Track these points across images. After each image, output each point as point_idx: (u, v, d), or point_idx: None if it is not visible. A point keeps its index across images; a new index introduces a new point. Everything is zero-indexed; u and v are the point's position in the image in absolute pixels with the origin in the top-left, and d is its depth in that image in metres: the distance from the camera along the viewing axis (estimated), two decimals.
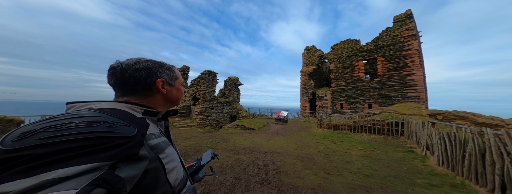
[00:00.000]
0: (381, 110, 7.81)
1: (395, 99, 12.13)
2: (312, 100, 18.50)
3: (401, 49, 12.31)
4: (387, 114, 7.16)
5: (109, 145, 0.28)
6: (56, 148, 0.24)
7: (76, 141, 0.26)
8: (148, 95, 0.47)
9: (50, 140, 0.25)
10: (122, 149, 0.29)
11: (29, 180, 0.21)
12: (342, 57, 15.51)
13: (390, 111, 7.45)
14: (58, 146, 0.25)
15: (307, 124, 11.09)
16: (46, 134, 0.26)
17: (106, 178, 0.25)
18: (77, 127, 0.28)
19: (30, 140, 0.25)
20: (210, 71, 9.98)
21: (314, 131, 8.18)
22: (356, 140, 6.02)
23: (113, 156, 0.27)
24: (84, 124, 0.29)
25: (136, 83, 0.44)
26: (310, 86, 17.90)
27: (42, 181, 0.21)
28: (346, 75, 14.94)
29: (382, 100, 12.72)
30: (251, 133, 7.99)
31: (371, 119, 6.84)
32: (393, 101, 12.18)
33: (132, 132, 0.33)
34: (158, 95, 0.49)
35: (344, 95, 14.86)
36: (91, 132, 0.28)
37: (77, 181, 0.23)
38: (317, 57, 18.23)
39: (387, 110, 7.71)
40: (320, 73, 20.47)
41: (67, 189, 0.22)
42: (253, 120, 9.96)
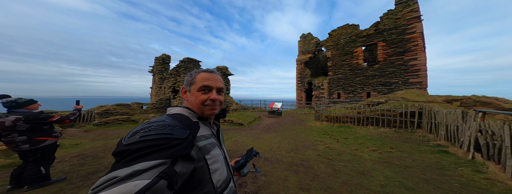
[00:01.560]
0: (387, 98, 6.56)
1: (395, 86, 10.97)
2: (308, 90, 17.22)
3: (403, 33, 10.79)
4: (396, 102, 5.92)
5: (170, 145, 0.35)
6: (143, 145, 0.34)
7: (152, 140, 0.34)
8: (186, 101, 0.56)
9: (142, 138, 0.35)
10: (178, 149, 0.35)
11: (127, 169, 0.30)
12: (340, 44, 13.86)
13: (398, 98, 6.21)
14: (145, 143, 0.34)
15: (303, 116, 9.90)
16: (141, 133, 0.36)
17: (168, 171, 0.32)
18: (154, 129, 0.37)
19: (134, 137, 0.35)
20: (190, 59, 8.23)
21: (311, 125, 6.96)
22: (363, 136, 4.82)
23: (172, 154, 0.34)
24: (157, 126, 0.38)
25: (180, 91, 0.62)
26: (306, 76, 16.45)
27: (133, 171, 0.29)
28: (344, 63, 13.48)
29: (382, 88, 11.56)
30: (239, 129, 6.68)
31: (378, 108, 5.59)
32: (393, 88, 11.03)
33: (185, 134, 0.39)
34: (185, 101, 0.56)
35: (341, 84, 13.60)
36: (160, 133, 0.36)
37: (151, 173, 0.30)
38: (314, 45, 16.47)
39: (394, 97, 6.47)
40: (317, 62, 18.89)
41: (146, 179, 0.29)
42: (243, 113, 8.64)
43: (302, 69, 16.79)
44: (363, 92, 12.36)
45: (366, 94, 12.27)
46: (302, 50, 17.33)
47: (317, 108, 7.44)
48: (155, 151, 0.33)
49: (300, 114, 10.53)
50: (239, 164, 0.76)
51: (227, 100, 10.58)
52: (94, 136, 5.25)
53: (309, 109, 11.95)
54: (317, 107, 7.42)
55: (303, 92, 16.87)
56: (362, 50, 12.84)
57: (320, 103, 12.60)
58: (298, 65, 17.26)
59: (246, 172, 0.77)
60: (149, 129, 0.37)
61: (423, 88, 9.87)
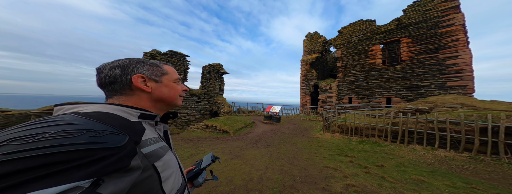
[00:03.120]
0: (433, 104, 4.44)
1: (426, 90, 8.57)
2: (314, 93, 15.11)
3: (436, 26, 8.57)
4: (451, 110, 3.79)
5: (91, 159, 0.22)
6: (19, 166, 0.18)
7: (47, 156, 0.20)
8: (130, 96, 0.38)
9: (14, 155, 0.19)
10: (108, 163, 0.23)
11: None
12: (352, 42, 11.84)
13: (454, 105, 4.07)
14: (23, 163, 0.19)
15: (308, 123, 7.89)
16: (9, 148, 0.20)
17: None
18: (51, 139, 0.22)
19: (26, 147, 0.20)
20: (174, 52, 6.84)
21: (318, 136, 5.01)
22: (411, 163, 2.82)
23: (96, 171, 0.22)
24: (61, 134, 0.23)
25: (112, 82, 0.37)
26: (311, 78, 14.45)
27: None
28: (357, 63, 11.35)
29: (407, 92, 9.19)
30: (220, 139, 4.96)
31: (432, 119, 3.51)
32: (423, 93, 8.64)
33: (122, 140, 0.27)
34: (143, 94, 0.39)
35: (353, 88, 11.37)
36: (69, 144, 0.22)
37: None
38: (321, 44, 14.58)
39: (446, 103, 4.32)
40: (324, 63, 16.84)
41: None
42: (232, 118, 6.93)
43: (307, 70, 14.85)
44: (381, 97, 10.03)
45: (385, 100, 9.92)
46: (308, 50, 15.48)
47: (326, 114, 5.48)
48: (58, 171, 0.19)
49: (303, 121, 8.54)
50: (192, 174, 0.63)
51: (219, 101, 9.00)
52: None
53: (314, 115, 9.91)
54: (325, 113, 5.46)
55: (308, 96, 14.77)
56: (380, 49, 10.68)
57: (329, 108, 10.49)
58: (303, 66, 15.35)
59: (201, 181, 0.62)
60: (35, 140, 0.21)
61: (468, 93, 7.41)
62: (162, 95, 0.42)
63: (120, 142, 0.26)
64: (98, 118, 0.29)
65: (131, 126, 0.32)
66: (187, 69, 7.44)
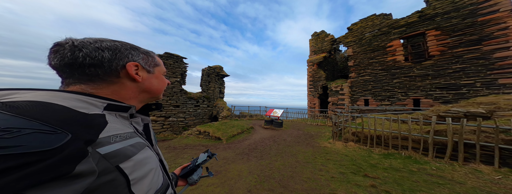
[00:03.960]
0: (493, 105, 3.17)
1: (469, 90, 6.82)
2: (323, 96, 13.75)
3: (474, 15, 7.02)
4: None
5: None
6: None
7: None
8: (113, 83, 0.33)
9: None
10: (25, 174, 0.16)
11: None
12: (365, 39, 10.55)
13: None
14: None
15: (315, 128, 6.79)
16: None
17: None
18: None
19: None
20: (170, 54, 6.68)
21: (326, 146, 4.01)
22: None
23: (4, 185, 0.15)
24: None
25: (95, 66, 0.30)
26: (320, 79, 13.23)
27: None
28: (373, 61, 9.94)
29: (441, 92, 7.48)
30: (210, 147, 4.32)
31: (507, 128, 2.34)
32: (464, 93, 6.88)
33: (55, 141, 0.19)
34: (129, 84, 0.34)
35: (369, 88, 9.87)
36: None
37: None
38: (329, 43, 13.48)
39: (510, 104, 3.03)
40: (333, 64, 15.48)
41: None
42: (229, 123, 6.28)
43: (314, 71, 13.71)
44: (406, 98, 8.37)
45: (412, 102, 8.23)
46: (315, 50, 14.44)
47: (337, 118, 4.46)
48: None
49: (310, 126, 7.43)
50: (186, 170, 0.59)
51: (218, 105, 8.53)
52: None
53: (323, 119, 8.68)
54: (336, 117, 4.44)
55: (317, 99, 13.46)
56: (400, 44, 9.20)
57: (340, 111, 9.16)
58: (310, 66, 14.27)
59: (196, 178, 0.58)
60: None
61: None
62: (151, 87, 0.37)
63: (51, 143, 0.19)
64: (26, 110, 0.20)
65: (83, 120, 0.24)
66: (184, 72, 7.23)
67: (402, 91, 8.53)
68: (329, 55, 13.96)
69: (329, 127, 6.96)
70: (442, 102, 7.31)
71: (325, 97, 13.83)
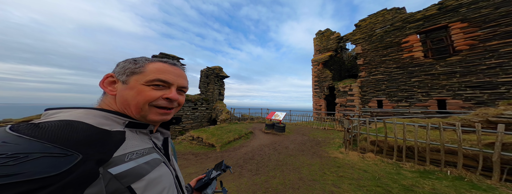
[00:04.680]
0: None
1: (509, 88, 5.68)
2: (329, 97, 12.81)
3: (509, 2, 5.97)
4: None
5: None
6: None
7: None
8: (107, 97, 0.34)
9: None
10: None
11: None
12: (376, 35, 9.62)
13: None
14: None
15: (322, 133, 6.03)
16: None
17: None
18: None
19: None
20: (165, 54, 6.36)
21: (337, 157, 3.31)
22: None
23: None
24: None
25: None
26: (326, 79, 12.34)
27: None
28: (386, 59, 8.96)
29: (473, 92, 6.36)
30: (201, 155, 3.82)
31: None
32: (503, 93, 5.76)
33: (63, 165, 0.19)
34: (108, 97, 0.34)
35: (383, 88, 8.85)
36: None
37: None
38: (334, 41, 12.62)
39: None
40: (340, 63, 14.50)
41: None
42: (225, 127, 5.76)
43: (320, 71, 12.86)
44: (429, 99, 7.28)
45: (436, 103, 7.14)
46: (319, 49, 13.62)
47: (349, 123, 3.73)
48: None
49: (316, 130, 6.66)
50: (201, 183, 0.58)
51: (218, 108, 8.08)
52: None
53: (331, 122, 7.86)
54: (348, 122, 3.72)
55: (323, 100, 12.54)
56: (417, 39, 8.17)
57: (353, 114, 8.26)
58: (315, 66, 13.44)
59: (210, 193, 0.57)
60: None
61: None
62: (123, 102, 0.32)
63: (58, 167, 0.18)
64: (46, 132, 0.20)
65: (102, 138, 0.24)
66: None
67: (423, 91, 7.46)
68: (335, 54, 13.07)
69: (338, 132, 6.16)
70: (475, 102, 6.19)
71: (332, 98, 12.88)
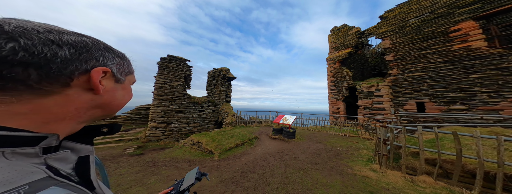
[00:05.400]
0: None
1: None
2: (349, 98, 11.12)
3: None
4: None
5: None
6: None
7: None
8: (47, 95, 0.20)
9: None
10: None
11: None
12: (410, 25, 7.96)
13: None
14: None
15: (342, 140, 4.89)
16: None
17: None
18: None
19: None
20: (173, 56, 6.38)
21: (369, 177, 2.35)
22: None
23: None
24: None
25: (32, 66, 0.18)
26: (345, 79, 10.81)
27: None
28: (427, 52, 7.20)
29: None
30: (196, 163, 3.39)
31: None
32: None
33: None
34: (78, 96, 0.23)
35: (425, 88, 7.01)
36: None
37: None
38: (354, 36, 11.12)
39: None
40: (362, 60, 12.68)
41: None
42: (228, 132, 5.27)
43: (336, 70, 11.40)
44: (501, 101, 5.28)
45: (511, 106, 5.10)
46: (336, 46, 12.21)
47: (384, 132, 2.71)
48: None
49: (334, 136, 5.50)
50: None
51: (224, 110, 7.77)
52: None
53: (354, 127, 6.46)
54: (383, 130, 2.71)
55: (341, 102, 10.93)
56: (475, 26, 6.27)
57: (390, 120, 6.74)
58: (330, 65, 12.02)
59: None
60: None
61: None
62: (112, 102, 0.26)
63: None
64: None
65: None
66: (189, 75, 6.89)
67: (491, 91, 5.50)
68: (356, 51, 11.48)
69: (365, 141, 4.92)
70: None
71: (352, 100, 11.17)
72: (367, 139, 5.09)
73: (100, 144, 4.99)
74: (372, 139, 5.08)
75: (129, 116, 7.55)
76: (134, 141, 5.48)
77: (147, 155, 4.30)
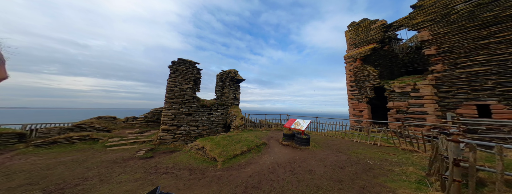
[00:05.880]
0: None
1: None
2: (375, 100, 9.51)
3: None
4: None
5: None
6: None
7: None
8: None
9: None
10: None
11: None
12: (458, 12, 6.43)
13: None
14: None
15: (372, 151, 3.89)
16: None
17: None
18: None
19: None
20: (183, 59, 6.52)
21: None
22: None
23: None
24: None
25: None
26: (369, 78, 9.36)
27: None
28: (490, 42, 5.57)
29: None
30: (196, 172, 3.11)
31: None
32: None
33: None
34: None
35: (490, 86, 5.31)
36: None
37: None
38: (379, 30, 9.69)
39: None
40: (389, 57, 10.92)
41: None
42: (234, 136, 4.88)
43: (358, 68, 10.01)
44: None
45: None
46: (355, 43, 10.84)
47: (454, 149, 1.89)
48: None
49: (359, 145, 4.46)
50: None
51: (232, 113, 7.52)
52: None
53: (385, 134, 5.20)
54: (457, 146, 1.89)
55: (365, 104, 9.40)
56: None
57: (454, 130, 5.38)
58: (349, 63, 10.66)
59: None
60: None
61: None
62: None
63: None
64: None
65: None
66: (198, 78, 6.96)
67: None
68: (381, 46, 9.97)
69: (406, 153, 3.82)
70: None
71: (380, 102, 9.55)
72: (409, 151, 3.98)
73: (116, 146, 5.27)
74: (417, 151, 3.94)
75: (145, 119, 8.02)
76: (147, 143, 5.65)
77: (155, 158, 4.27)
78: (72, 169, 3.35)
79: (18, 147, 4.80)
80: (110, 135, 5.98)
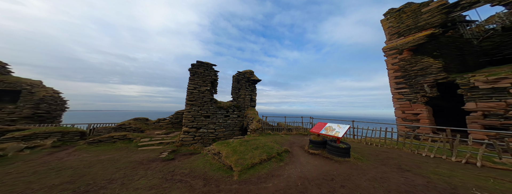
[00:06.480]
0: None
1: None
2: (438, 100, 7.05)
3: None
4: None
5: None
6: None
7: None
8: None
9: None
10: None
11: None
12: None
13: None
14: None
15: (468, 175, 2.46)
16: None
17: None
18: None
19: None
20: (201, 62, 6.49)
21: None
22: None
23: None
24: None
25: None
26: (427, 72, 7.14)
27: None
28: None
29: None
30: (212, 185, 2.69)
31: None
32: None
33: None
34: None
35: None
36: None
37: None
38: (436, 13, 7.47)
39: None
40: (458, 45, 8.17)
41: None
42: (251, 141, 4.29)
43: (407, 61, 7.84)
44: None
45: None
46: (398, 31, 8.67)
47: None
48: None
49: (431, 161, 2.98)
50: None
51: (248, 115, 7.06)
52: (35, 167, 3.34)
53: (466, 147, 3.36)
54: None
55: (422, 105, 7.08)
56: None
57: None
58: (392, 56, 8.53)
59: None
60: None
61: None
62: None
63: None
64: None
65: None
66: (215, 80, 6.95)
67: None
68: (443, 32, 7.66)
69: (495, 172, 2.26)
70: None
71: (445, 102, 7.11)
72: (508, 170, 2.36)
73: (146, 146, 5.67)
74: None
75: (170, 120, 8.63)
76: (170, 144, 5.87)
77: (175, 161, 4.24)
78: (106, 168, 3.58)
79: (79, 143, 5.67)
80: (143, 135, 6.58)
